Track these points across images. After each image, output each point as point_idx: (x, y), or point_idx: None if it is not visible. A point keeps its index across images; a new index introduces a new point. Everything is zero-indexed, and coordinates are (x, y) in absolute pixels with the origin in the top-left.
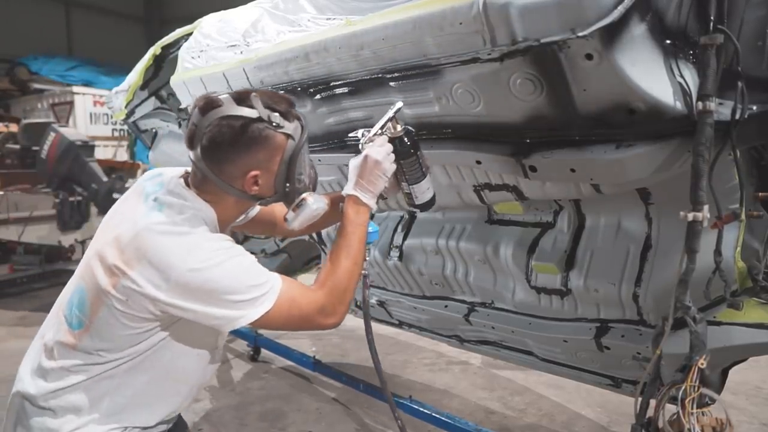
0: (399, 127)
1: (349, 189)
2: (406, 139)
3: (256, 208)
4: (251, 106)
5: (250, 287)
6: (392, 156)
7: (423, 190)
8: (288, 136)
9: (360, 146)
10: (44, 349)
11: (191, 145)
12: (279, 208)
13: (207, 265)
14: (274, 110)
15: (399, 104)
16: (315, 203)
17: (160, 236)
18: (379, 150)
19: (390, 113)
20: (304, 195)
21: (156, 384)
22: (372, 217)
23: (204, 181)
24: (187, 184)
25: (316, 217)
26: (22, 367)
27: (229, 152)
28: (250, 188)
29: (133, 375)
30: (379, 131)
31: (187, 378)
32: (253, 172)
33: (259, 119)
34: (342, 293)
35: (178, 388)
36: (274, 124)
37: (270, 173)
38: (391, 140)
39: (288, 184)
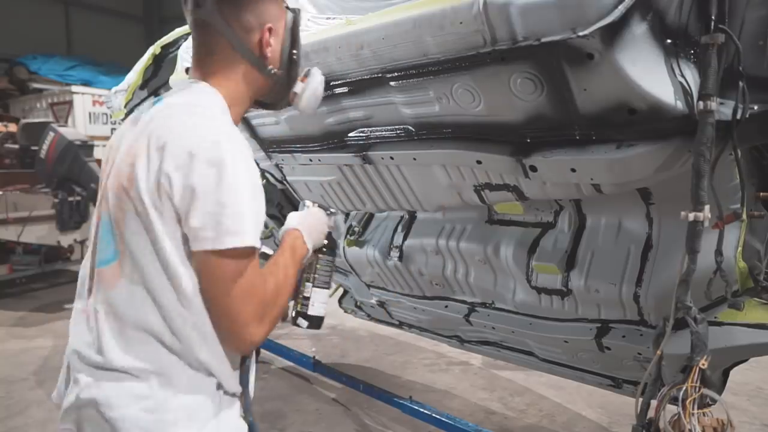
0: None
1: (299, 225)
2: (331, 238)
3: None
4: None
5: (244, 213)
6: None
7: (321, 301)
8: (287, 7)
9: (303, 205)
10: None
11: (198, 4)
12: None
13: (236, 151)
14: None
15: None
16: (318, 75)
17: (177, 112)
18: (321, 217)
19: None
20: (311, 68)
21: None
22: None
23: (210, 52)
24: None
25: (321, 91)
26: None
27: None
28: (266, 46)
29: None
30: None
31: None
32: (269, 24)
33: None
34: (273, 305)
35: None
36: None
37: (278, 36)
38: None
39: (294, 51)
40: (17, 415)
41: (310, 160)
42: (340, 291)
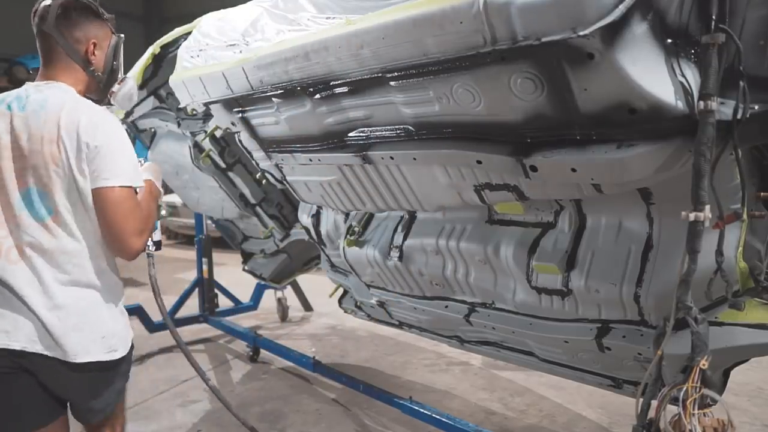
0: None
1: (147, 176)
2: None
3: None
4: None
5: (125, 164)
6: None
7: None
8: (112, 32)
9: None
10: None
11: (42, 19)
12: None
13: (117, 128)
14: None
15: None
16: (133, 83)
17: (75, 104)
18: (158, 168)
19: None
20: (127, 77)
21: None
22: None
23: (52, 59)
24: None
25: (131, 97)
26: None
27: (79, 18)
28: (91, 54)
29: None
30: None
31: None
32: (93, 40)
33: (94, 8)
34: (147, 223)
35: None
36: (104, 17)
37: (102, 50)
38: None
39: (115, 63)
40: None
41: (310, 160)
42: (340, 291)
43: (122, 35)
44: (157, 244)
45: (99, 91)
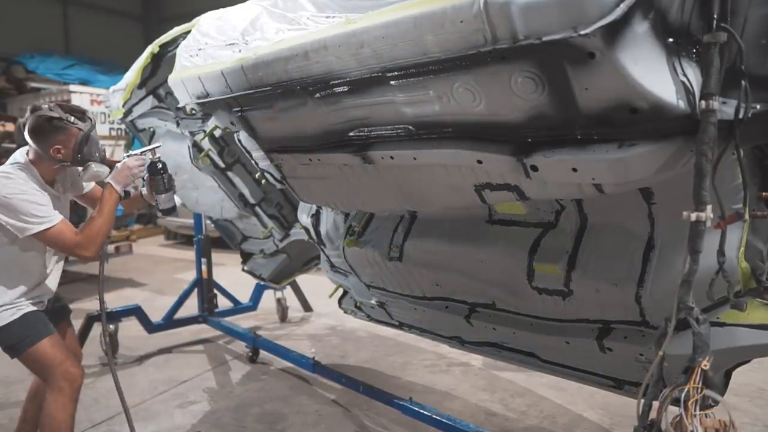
0: (149, 157)
1: (109, 179)
2: (155, 165)
3: (89, 186)
4: (57, 111)
5: (36, 216)
6: (142, 168)
7: (165, 201)
8: (79, 129)
9: (123, 157)
10: None
11: (19, 131)
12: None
13: (14, 195)
14: (72, 114)
15: (157, 145)
16: (96, 167)
17: None
18: (132, 161)
19: (147, 148)
20: (90, 162)
21: (8, 269)
22: (128, 195)
23: (32, 150)
24: (27, 154)
25: (97, 176)
26: None
27: (39, 134)
28: (56, 155)
29: None
30: (138, 153)
31: (30, 267)
32: (56, 146)
33: (59, 118)
34: (93, 238)
35: (25, 272)
36: (69, 120)
37: (68, 148)
38: (149, 165)
39: (79, 155)
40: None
41: (310, 160)
42: (340, 291)
43: (91, 124)
44: (166, 212)
45: (69, 167)
